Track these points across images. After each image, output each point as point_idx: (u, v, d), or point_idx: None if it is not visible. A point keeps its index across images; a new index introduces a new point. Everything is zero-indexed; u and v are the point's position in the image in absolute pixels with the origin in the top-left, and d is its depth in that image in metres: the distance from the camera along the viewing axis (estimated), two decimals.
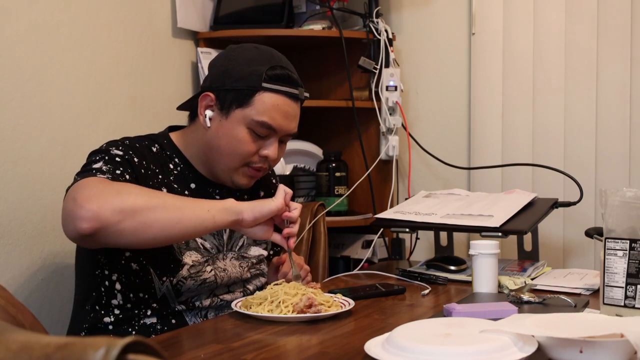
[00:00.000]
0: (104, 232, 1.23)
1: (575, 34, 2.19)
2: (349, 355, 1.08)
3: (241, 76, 1.43)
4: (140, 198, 1.26)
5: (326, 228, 2.00)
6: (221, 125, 1.45)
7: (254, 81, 1.42)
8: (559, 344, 0.97)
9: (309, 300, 1.29)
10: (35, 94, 1.67)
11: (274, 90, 1.43)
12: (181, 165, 1.51)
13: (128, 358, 0.53)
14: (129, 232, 1.24)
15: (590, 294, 1.53)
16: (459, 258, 1.83)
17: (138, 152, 1.43)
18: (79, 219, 1.21)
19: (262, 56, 1.46)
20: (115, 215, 1.22)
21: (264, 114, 1.43)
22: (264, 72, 1.43)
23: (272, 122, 1.43)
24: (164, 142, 1.52)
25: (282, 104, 1.44)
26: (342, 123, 2.38)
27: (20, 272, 1.63)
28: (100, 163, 1.35)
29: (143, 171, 1.41)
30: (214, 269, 1.48)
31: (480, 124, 2.30)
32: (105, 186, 1.27)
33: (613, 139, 2.16)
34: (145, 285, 1.42)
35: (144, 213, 1.25)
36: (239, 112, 1.43)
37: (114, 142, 1.44)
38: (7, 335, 0.58)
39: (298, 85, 1.47)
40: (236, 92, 1.43)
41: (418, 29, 2.41)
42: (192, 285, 1.45)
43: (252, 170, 1.49)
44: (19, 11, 1.64)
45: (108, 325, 1.43)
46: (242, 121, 1.43)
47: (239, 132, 1.44)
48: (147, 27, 2.01)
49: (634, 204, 1.23)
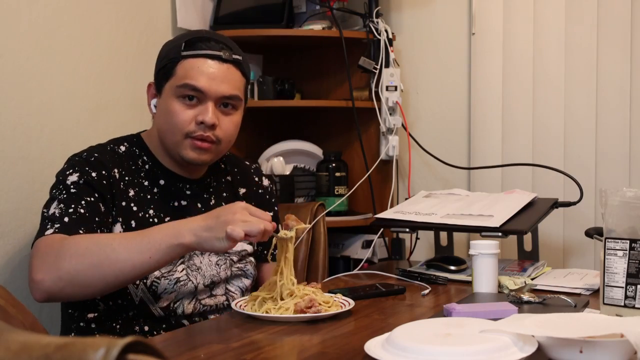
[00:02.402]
0: (56, 297, 1.31)
1: (575, 34, 2.19)
2: (349, 355, 1.08)
3: (166, 54, 1.49)
4: (75, 260, 1.27)
5: (326, 228, 2.00)
6: (159, 104, 1.50)
7: (174, 53, 1.46)
8: (559, 344, 0.97)
9: (309, 301, 1.29)
10: (35, 94, 1.67)
11: (193, 55, 1.44)
12: (149, 163, 1.52)
13: (128, 358, 0.53)
14: (76, 294, 1.31)
15: (590, 294, 1.53)
16: (459, 258, 1.83)
17: (97, 164, 1.44)
18: (32, 290, 1.30)
19: (186, 34, 1.51)
20: (56, 284, 1.28)
21: (185, 77, 1.44)
22: (182, 43, 1.46)
23: (195, 82, 1.42)
24: (133, 141, 1.54)
25: (203, 65, 1.44)
26: (342, 123, 2.38)
27: (20, 272, 1.63)
28: (54, 205, 1.38)
29: (105, 182, 1.42)
30: (186, 267, 1.46)
31: (480, 124, 2.30)
32: (48, 250, 1.30)
33: (613, 139, 2.16)
34: (121, 291, 1.40)
35: (80, 275, 1.27)
36: (167, 86, 1.46)
37: (72, 160, 1.46)
38: (7, 335, 0.58)
39: (222, 49, 1.46)
40: (163, 69, 1.47)
41: (418, 29, 2.41)
42: (167, 286, 1.43)
43: (195, 142, 1.45)
44: (19, 11, 1.64)
45: (93, 330, 1.43)
46: (170, 92, 1.45)
47: (170, 103, 1.45)
48: (147, 27, 2.01)
49: (634, 204, 1.23)
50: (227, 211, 1.26)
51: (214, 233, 1.24)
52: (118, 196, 1.43)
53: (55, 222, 1.34)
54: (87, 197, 1.39)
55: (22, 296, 1.59)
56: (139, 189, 1.47)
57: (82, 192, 1.39)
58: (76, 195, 1.38)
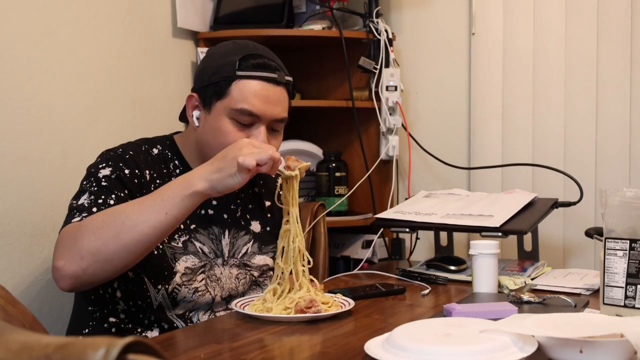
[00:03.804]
0: (81, 281, 1.28)
1: (575, 34, 2.19)
2: (349, 355, 1.08)
3: (216, 69, 1.44)
4: (93, 236, 1.26)
5: (326, 228, 2.00)
6: (206, 121, 1.46)
7: (228, 71, 1.42)
8: (559, 344, 0.97)
9: (309, 301, 1.29)
10: (35, 94, 1.67)
11: (249, 76, 1.42)
12: (180, 168, 1.51)
13: (128, 358, 0.53)
14: (101, 271, 1.28)
15: (590, 294, 1.53)
16: (459, 258, 1.83)
17: (130, 162, 1.43)
18: (56, 281, 1.28)
19: (236, 48, 1.47)
20: (79, 265, 1.26)
21: (242, 101, 1.41)
22: (237, 61, 1.42)
23: (252, 108, 1.41)
24: (167, 144, 1.53)
25: (260, 89, 1.42)
26: (342, 123, 2.38)
27: (20, 272, 1.63)
28: (84, 196, 1.37)
29: (136, 181, 1.42)
30: (206, 277, 1.46)
31: (480, 124, 2.30)
32: (66, 236, 1.29)
33: (613, 139, 2.16)
34: (142, 293, 1.41)
35: (102, 250, 1.25)
36: (219, 105, 1.43)
37: (107, 154, 1.45)
38: (7, 335, 0.58)
39: (276, 70, 1.45)
40: (214, 85, 1.43)
41: (418, 29, 2.41)
42: (187, 294, 1.44)
43: None
44: (19, 11, 1.64)
45: (111, 328, 1.43)
46: (224, 112, 1.43)
47: (222, 124, 1.43)
48: (147, 27, 2.01)
49: (634, 204, 1.23)
50: (233, 148, 1.27)
51: (225, 172, 1.25)
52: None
53: (83, 212, 1.33)
54: (117, 191, 1.38)
55: (21, 296, 1.59)
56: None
57: (114, 186, 1.39)
58: (107, 189, 1.38)
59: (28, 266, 1.65)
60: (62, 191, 1.72)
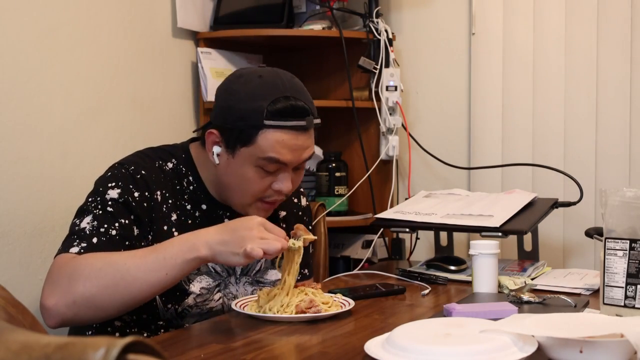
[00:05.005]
0: (70, 322, 1.28)
1: (575, 34, 2.19)
2: (349, 355, 1.08)
3: (243, 114, 1.36)
4: (89, 283, 1.23)
5: (326, 228, 2.00)
6: (229, 164, 1.40)
7: (256, 119, 1.35)
8: (559, 344, 0.97)
9: (309, 301, 1.29)
10: (35, 94, 1.67)
11: (277, 126, 1.35)
12: (194, 184, 1.47)
13: (128, 358, 0.53)
14: (93, 317, 1.28)
15: (590, 294, 1.53)
16: (459, 258, 1.83)
17: (141, 183, 1.39)
18: (44, 317, 1.25)
19: (264, 88, 1.37)
20: (70, 309, 1.24)
21: (269, 151, 1.36)
22: (265, 108, 1.34)
23: (280, 157, 1.36)
24: (182, 157, 1.48)
25: (288, 139, 1.36)
26: (342, 123, 2.38)
27: (20, 272, 1.63)
28: (87, 219, 1.34)
29: (146, 204, 1.38)
30: (223, 296, 1.46)
31: (480, 124, 2.30)
32: (60, 273, 1.26)
33: (613, 139, 2.16)
34: (150, 309, 1.40)
35: (96, 298, 1.24)
36: (244, 151, 1.37)
37: (118, 171, 1.40)
38: (7, 335, 0.58)
39: (305, 115, 1.38)
40: (239, 131, 1.37)
41: (418, 29, 2.41)
42: (196, 313, 1.43)
43: (266, 205, 1.44)
44: (19, 11, 1.64)
45: (115, 332, 1.42)
46: (249, 160, 1.37)
47: (247, 171, 1.38)
48: (147, 27, 2.01)
49: (634, 204, 1.23)
50: (244, 226, 1.24)
51: (229, 247, 1.22)
52: (158, 220, 1.39)
53: (83, 241, 1.30)
54: (122, 219, 1.34)
55: (21, 296, 1.59)
56: (181, 212, 1.43)
57: (119, 213, 1.34)
58: (111, 215, 1.34)
59: (28, 266, 1.65)
60: (62, 191, 1.72)
